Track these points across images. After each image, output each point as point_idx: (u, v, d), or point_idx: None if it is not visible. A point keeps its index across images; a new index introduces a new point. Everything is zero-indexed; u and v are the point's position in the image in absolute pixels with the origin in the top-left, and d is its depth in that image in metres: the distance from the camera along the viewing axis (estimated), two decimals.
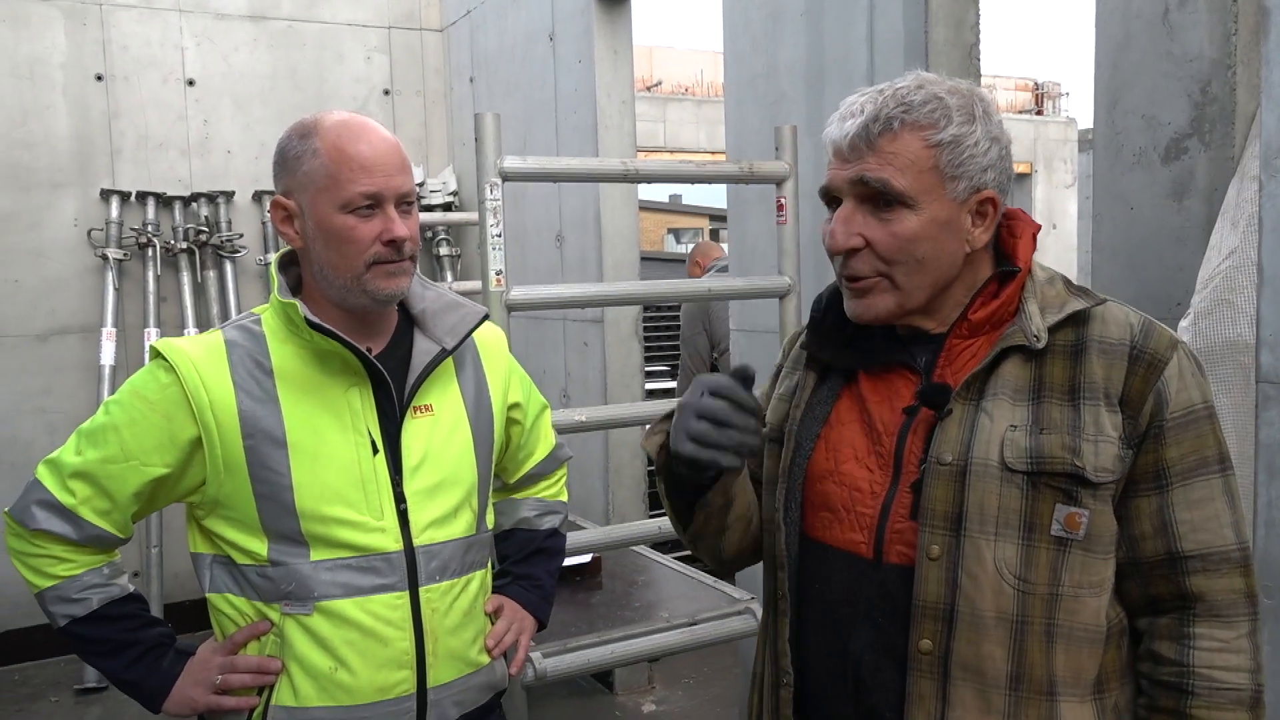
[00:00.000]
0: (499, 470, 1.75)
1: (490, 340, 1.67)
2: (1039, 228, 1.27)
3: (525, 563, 1.76)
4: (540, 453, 1.78)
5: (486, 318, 1.60)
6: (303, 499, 1.41)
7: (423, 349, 1.52)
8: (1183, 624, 1.16)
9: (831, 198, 1.24)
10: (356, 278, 1.43)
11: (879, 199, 1.19)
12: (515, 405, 1.69)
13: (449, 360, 1.56)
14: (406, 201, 1.45)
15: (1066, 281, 1.24)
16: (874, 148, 1.18)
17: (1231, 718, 1.14)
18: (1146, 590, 1.19)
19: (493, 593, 1.67)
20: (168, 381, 1.43)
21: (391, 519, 1.45)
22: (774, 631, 1.35)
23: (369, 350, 1.48)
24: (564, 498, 1.85)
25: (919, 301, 1.22)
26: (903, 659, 1.18)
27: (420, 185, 5.25)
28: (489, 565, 1.63)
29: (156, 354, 1.45)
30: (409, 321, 1.56)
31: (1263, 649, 1.18)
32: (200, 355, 1.44)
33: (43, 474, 1.46)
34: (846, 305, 1.26)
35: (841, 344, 1.30)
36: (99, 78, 4.73)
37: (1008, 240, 1.26)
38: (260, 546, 1.43)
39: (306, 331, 1.43)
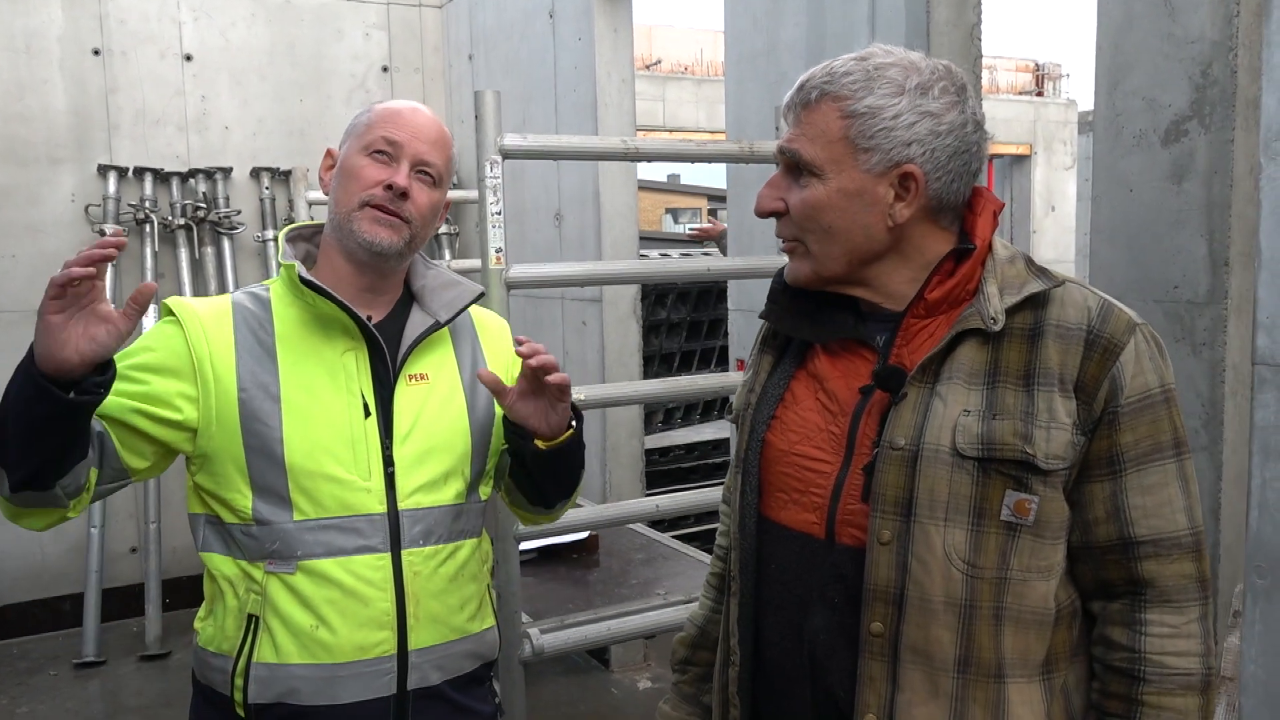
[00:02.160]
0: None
1: (491, 325, 1.72)
2: (1001, 205, 1.26)
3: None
4: None
5: (483, 295, 1.65)
6: (292, 453, 1.45)
7: (417, 320, 1.58)
8: (1134, 609, 1.17)
9: None
10: (350, 214, 1.50)
11: (796, 167, 1.23)
12: None
13: (446, 334, 1.61)
14: (426, 172, 1.53)
15: (1028, 261, 1.23)
16: (798, 118, 1.22)
17: (1182, 702, 1.14)
18: (1099, 574, 1.19)
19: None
20: (172, 333, 1.49)
21: (379, 481, 1.49)
22: (725, 612, 1.38)
23: (369, 318, 1.53)
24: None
25: (835, 270, 1.23)
26: (856, 640, 1.18)
27: None
28: (482, 535, 1.65)
29: (167, 310, 1.53)
30: (411, 297, 1.62)
31: (1213, 632, 1.18)
32: (206, 311, 1.51)
33: None
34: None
35: (801, 317, 1.31)
36: (96, 52, 4.70)
37: (968, 217, 1.25)
38: (246, 504, 1.46)
39: (308, 295, 1.50)
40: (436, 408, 1.55)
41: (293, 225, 1.61)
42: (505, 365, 1.68)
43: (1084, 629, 1.23)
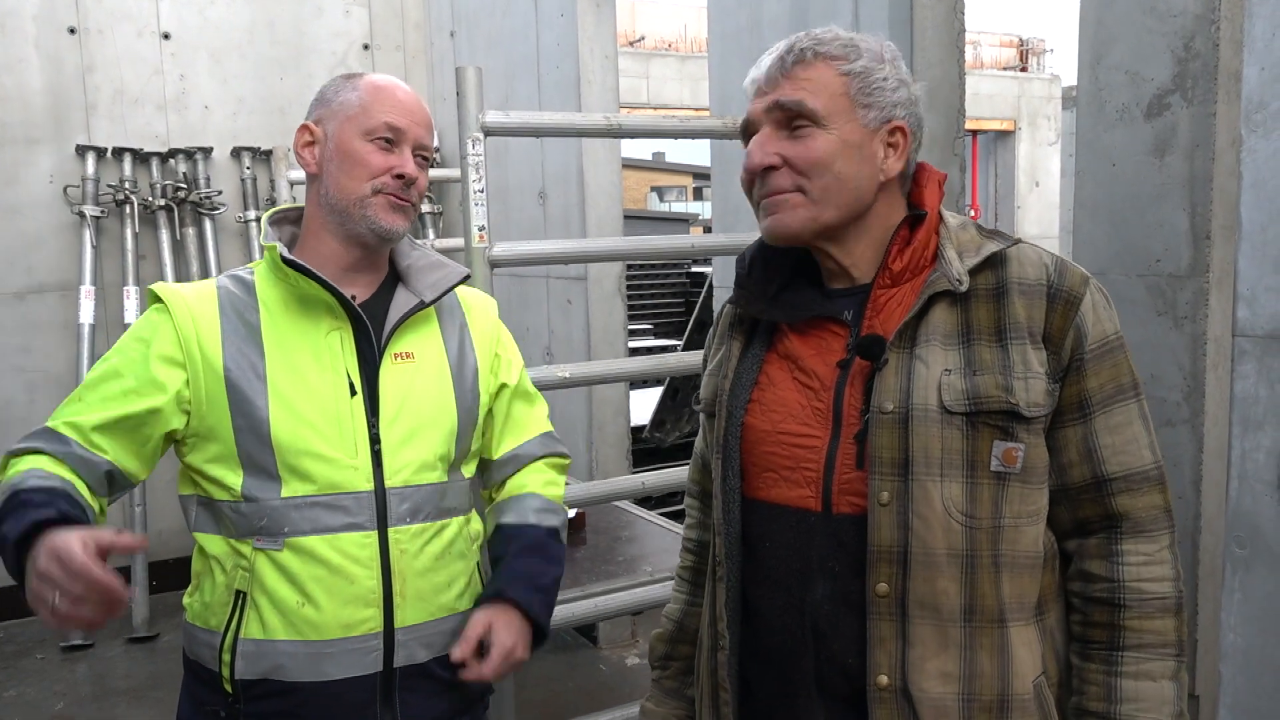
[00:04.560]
0: (484, 449, 1.71)
1: (477, 303, 1.73)
2: (945, 176, 1.33)
3: (521, 557, 1.63)
4: (530, 431, 1.74)
5: (468, 277, 1.66)
6: (279, 431, 1.46)
7: (402, 300, 1.58)
8: (1110, 542, 1.23)
9: (750, 133, 1.31)
10: (361, 201, 1.51)
11: (793, 121, 1.26)
12: (498, 358, 1.72)
13: (432, 314, 1.62)
14: (423, 154, 1.56)
15: (978, 226, 1.29)
16: (789, 75, 1.26)
17: (1160, 624, 1.21)
18: (1075, 514, 1.25)
19: (487, 592, 1.60)
20: (161, 320, 1.50)
21: (365, 459, 1.49)
22: (711, 597, 1.39)
23: (353, 297, 1.54)
24: (562, 499, 1.77)
25: (831, 219, 1.26)
26: (860, 605, 1.22)
27: None
28: (471, 514, 1.66)
29: (154, 298, 1.54)
30: (396, 276, 1.63)
31: (1180, 558, 1.26)
32: (192, 295, 1.53)
33: (49, 422, 1.48)
34: (763, 226, 1.30)
35: (768, 301, 1.34)
36: (72, 30, 4.64)
37: (914, 190, 1.32)
38: (235, 481, 1.47)
39: (291, 275, 1.50)
40: (423, 386, 1.56)
41: (276, 208, 1.62)
42: (491, 342, 1.70)
43: (1062, 570, 1.28)
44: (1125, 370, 1.23)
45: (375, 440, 1.50)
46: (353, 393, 1.50)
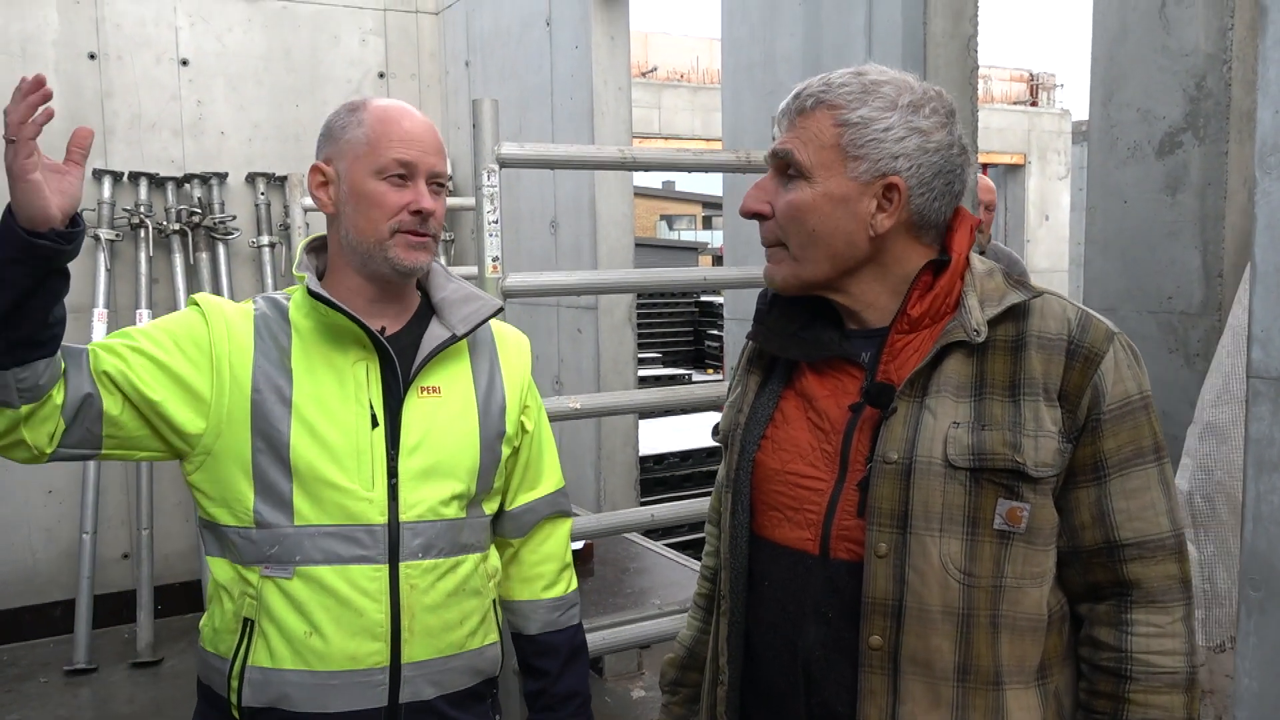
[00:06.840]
0: (501, 490, 1.71)
1: (511, 340, 1.72)
2: (979, 221, 1.29)
3: (564, 676, 1.73)
4: (545, 486, 1.75)
5: (501, 310, 1.65)
6: (298, 458, 1.45)
7: (434, 334, 1.57)
8: (1120, 610, 1.19)
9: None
10: (380, 243, 1.49)
11: (787, 169, 1.25)
12: (527, 408, 1.70)
13: (463, 348, 1.60)
14: (438, 181, 1.53)
15: (1005, 274, 1.26)
16: (793, 123, 1.25)
17: (1167, 700, 1.17)
18: (1086, 577, 1.21)
19: None
20: (196, 322, 1.50)
21: (381, 492, 1.48)
22: (714, 631, 1.39)
23: (383, 329, 1.54)
24: (575, 585, 1.80)
25: (816, 276, 1.26)
26: (853, 654, 1.20)
27: None
28: (489, 551, 1.64)
29: (194, 304, 1.54)
30: (430, 309, 1.62)
31: (1196, 632, 1.21)
32: (231, 310, 1.53)
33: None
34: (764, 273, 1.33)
35: (787, 337, 1.33)
36: (92, 56, 4.70)
37: (947, 234, 1.28)
38: (248, 506, 1.47)
39: (320, 306, 1.50)
40: (446, 421, 1.55)
41: (313, 235, 1.62)
42: (522, 385, 1.68)
43: (1073, 633, 1.25)
44: (1147, 432, 1.19)
45: (393, 474, 1.49)
46: (374, 424, 1.49)
